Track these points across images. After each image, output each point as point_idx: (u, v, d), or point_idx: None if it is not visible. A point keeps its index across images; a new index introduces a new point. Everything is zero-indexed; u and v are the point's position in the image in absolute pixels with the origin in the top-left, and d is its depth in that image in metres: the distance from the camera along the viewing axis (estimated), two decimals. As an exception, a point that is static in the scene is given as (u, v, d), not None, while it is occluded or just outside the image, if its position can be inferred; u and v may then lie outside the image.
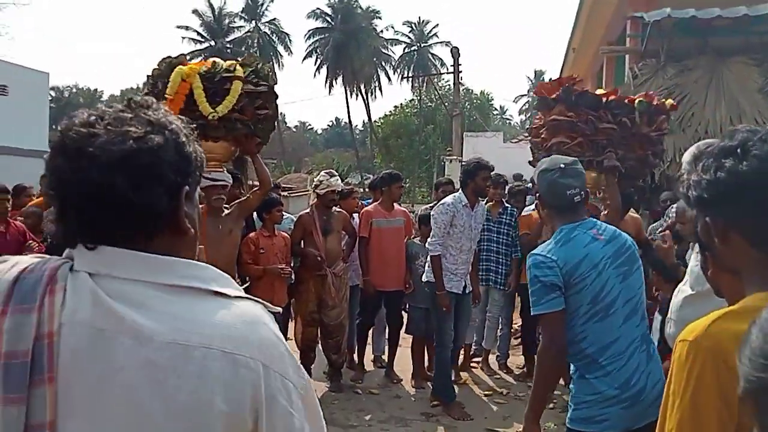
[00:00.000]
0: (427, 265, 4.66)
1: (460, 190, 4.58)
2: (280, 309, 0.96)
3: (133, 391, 0.82)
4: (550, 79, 4.16)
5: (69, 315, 0.83)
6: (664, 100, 4.13)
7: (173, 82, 3.39)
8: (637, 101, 3.95)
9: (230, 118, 3.48)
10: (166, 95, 3.39)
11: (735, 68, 7.25)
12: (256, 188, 4.06)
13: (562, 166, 2.24)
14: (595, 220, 2.33)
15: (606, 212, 3.71)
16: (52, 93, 33.50)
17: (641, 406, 2.06)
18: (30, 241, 4.45)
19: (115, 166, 0.85)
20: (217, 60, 3.72)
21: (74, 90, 45.17)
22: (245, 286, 4.32)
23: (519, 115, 50.81)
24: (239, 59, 3.84)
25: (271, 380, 0.87)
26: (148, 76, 3.71)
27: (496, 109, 45.74)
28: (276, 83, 3.82)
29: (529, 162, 4.28)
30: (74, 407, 0.82)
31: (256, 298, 0.95)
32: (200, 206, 4.23)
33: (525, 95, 48.75)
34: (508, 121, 50.56)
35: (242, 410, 0.85)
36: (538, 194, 2.30)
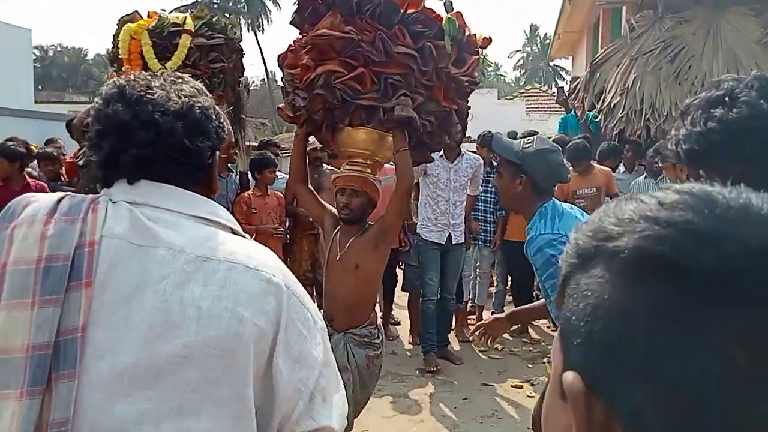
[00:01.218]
0: (418, 222, 4.69)
1: None
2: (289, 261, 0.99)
3: (166, 298, 0.85)
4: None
5: (109, 229, 0.88)
6: (472, 33, 2.69)
7: (123, 41, 3.31)
8: (445, 20, 2.51)
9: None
10: (120, 55, 3.31)
11: (733, 19, 7.12)
12: None
13: (559, 148, 2.20)
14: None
15: (393, 201, 2.68)
16: (36, 52, 32.75)
17: None
18: None
19: (176, 115, 0.94)
20: (164, 14, 3.60)
21: (59, 49, 44.13)
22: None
23: (513, 71, 50.20)
24: (193, 12, 3.70)
25: (292, 302, 0.92)
26: (113, 36, 3.59)
27: (490, 65, 45.11)
28: (238, 36, 3.67)
29: (290, 108, 2.69)
30: (105, 316, 0.84)
31: (267, 247, 0.99)
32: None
33: (519, 50, 48.04)
34: (502, 78, 49.95)
35: (266, 322, 0.88)
36: (522, 173, 2.10)
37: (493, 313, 5.66)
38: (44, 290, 0.82)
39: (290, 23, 2.68)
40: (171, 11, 3.70)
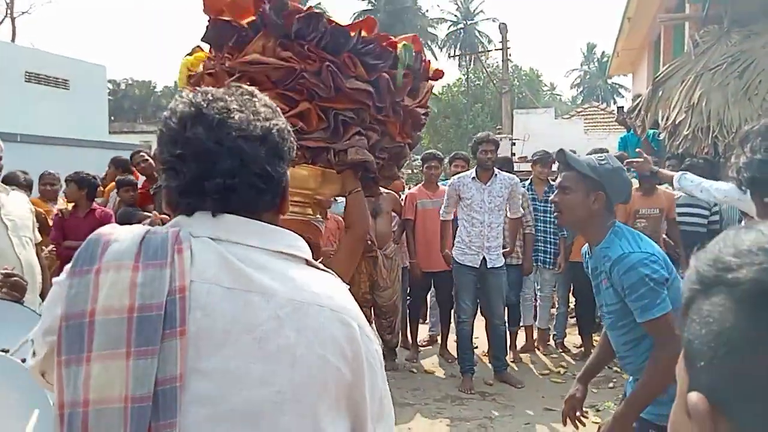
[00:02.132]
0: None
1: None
2: (348, 285, 1.02)
3: (262, 345, 0.85)
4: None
5: (198, 273, 0.86)
6: (427, 60, 2.36)
7: (181, 73, 3.19)
8: (401, 46, 2.17)
9: None
10: (179, 88, 3.42)
11: (806, 31, 6.81)
12: None
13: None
14: None
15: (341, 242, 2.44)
16: (110, 86, 34.67)
17: None
18: None
19: (258, 140, 0.91)
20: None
21: (130, 82, 46.65)
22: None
23: (570, 89, 49.37)
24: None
25: (366, 342, 0.93)
26: None
27: (545, 85, 44.60)
28: None
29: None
30: (201, 363, 0.83)
31: (333, 273, 1.00)
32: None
33: (577, 69, 47.29)
34: (558, 97, 49.20)
35: (345, 366, 0.89)
36: (600, 189, 2.07)
37: (554, 336, 5.54)
38: (139, 341, 0.81)
39: (203, 39, 2.24)
40: None
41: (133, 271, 0.84)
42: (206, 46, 2.82)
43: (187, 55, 3.51)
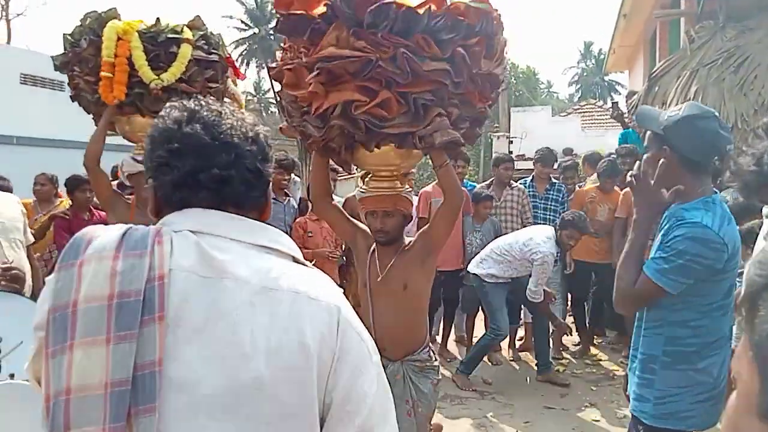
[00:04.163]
0: (479, 251, 4.70)
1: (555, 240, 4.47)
2: (341, 288, 1.01)
3: (236, 329, 0.86)
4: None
5: (177, 262, 0.89)
6: (497, 14, 2.18)
7: (108, 39, 2.70)
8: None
9: (176, 89, 2.75)
10: (103, 57, 2.71)
11: (802, 25, 6.81)
12: None
13: (717, 114, 1.81)
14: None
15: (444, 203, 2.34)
16: (106, 87, 34.55)
17: (723, 403, 1.83)
18: None
19: (250, 140, 0.98)
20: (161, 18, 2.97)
21: (126, 83, 46.58)
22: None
23: (568, 87, 49.41)
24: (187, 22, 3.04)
25: (349, 336, 0.92)
26: (65, 35, 2.95)
27: (542, 83, 44.63)
28: (227, 55, 3.15)
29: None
30: (179, 349, 0.85)
31: (321, 271, 1.01)
32: (130, 197, 3.08)
33: (574, 67, 47.29)
34: (555, 95, 49.19)
35: (327, 351, 0.89)
36: (666, 145, 1.79)
37: (552, 334, 5.52)
38: (119, 326, 0.83)
39: (276, 31, 2.29)
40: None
41: (114, 261, 0.87)
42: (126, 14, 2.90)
43: (110, 18, 2.81)
